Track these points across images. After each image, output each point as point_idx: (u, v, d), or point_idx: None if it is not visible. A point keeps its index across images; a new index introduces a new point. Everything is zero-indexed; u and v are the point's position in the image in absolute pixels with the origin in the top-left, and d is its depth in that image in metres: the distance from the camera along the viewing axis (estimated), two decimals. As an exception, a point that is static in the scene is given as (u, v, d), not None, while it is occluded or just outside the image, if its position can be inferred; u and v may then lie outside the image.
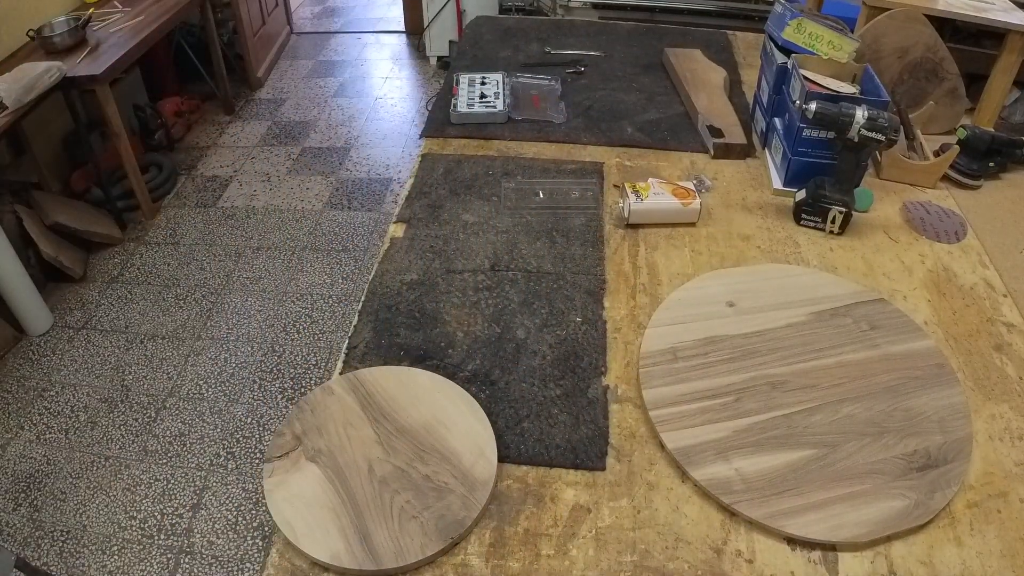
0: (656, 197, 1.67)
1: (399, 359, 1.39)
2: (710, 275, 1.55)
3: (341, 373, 1.36)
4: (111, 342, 3.29)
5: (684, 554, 1.08)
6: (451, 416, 1.25)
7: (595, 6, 4.22)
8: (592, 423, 1.26)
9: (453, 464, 1.18)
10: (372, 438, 1.22)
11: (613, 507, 1.15)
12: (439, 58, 5.46)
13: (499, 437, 1.22)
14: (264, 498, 2.59)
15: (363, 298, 1.52)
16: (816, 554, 1.08)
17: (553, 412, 1.28)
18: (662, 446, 1.22)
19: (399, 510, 1.12)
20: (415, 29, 5.75)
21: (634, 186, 1.69)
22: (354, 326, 1.46)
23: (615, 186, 1.82)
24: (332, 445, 1.21)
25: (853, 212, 1.66)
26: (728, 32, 2.62)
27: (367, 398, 1.28)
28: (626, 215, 1.67)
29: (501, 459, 1.20)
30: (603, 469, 1.20)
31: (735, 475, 1.16)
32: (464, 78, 2.19)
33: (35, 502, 2.65)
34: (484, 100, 2.09)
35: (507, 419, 1.27)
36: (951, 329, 1.45)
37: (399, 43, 5.96)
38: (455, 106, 2.07)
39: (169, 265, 3.73)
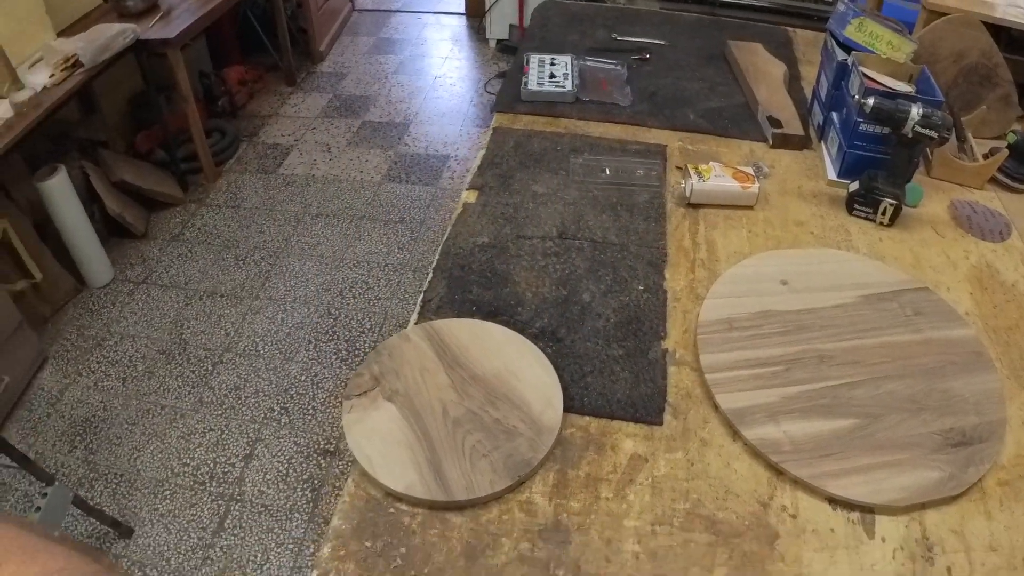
0: (717, 179, 1.73)
1: (471, 314, 1.47)
2: (766, 255, 1.62)
3: (416, 323, 1.44)
4: (170, 297, 3.40)
5: (733, 505, 1.16)
6: (521, 367, 1.33)
7: (658, -5, 4.26)
8: (651, 382, 1.34)
9: (522, 411, 1.25)
10: (446, 383, 1.30)
11: (669, 459, 1.22)
12: (498, 41, 5.50)
13: (564, 389, 1.30)
14: (331, 439, 2.71)
15: (437, 257, 1.60)
16: (855, 515, 1.15)
17: (615, 369, 1.36)
18: (716, 407, 1.29)
19: (471, 448, 1.20)
20: (476, 12, 5.80)
21: (697, 167, 1.75)
22: (428, 281, 1.54)
23: (677, 167, 1.88)
24: (408, 387, 1.30)
25: (903, 206, 1.71)
26: (788, 29, 2.66)
27: (442, 346, 1.37)
28: (688, 194, 1.74)
29: (566, 409, 1.27)
30: (660, 424, 1.27)
31: (783, 437, 1.23)
32: (534, 58, 2.26)
33: (90, 445, 2.76)
34: (553, 80, 2.15)
35: (572, 373, 1.35)
36: (991, 321, 1.50)
37: (459, 24, 6.01)
38: (526, 84, 2.14)
39: (229, 227, 3.83)
